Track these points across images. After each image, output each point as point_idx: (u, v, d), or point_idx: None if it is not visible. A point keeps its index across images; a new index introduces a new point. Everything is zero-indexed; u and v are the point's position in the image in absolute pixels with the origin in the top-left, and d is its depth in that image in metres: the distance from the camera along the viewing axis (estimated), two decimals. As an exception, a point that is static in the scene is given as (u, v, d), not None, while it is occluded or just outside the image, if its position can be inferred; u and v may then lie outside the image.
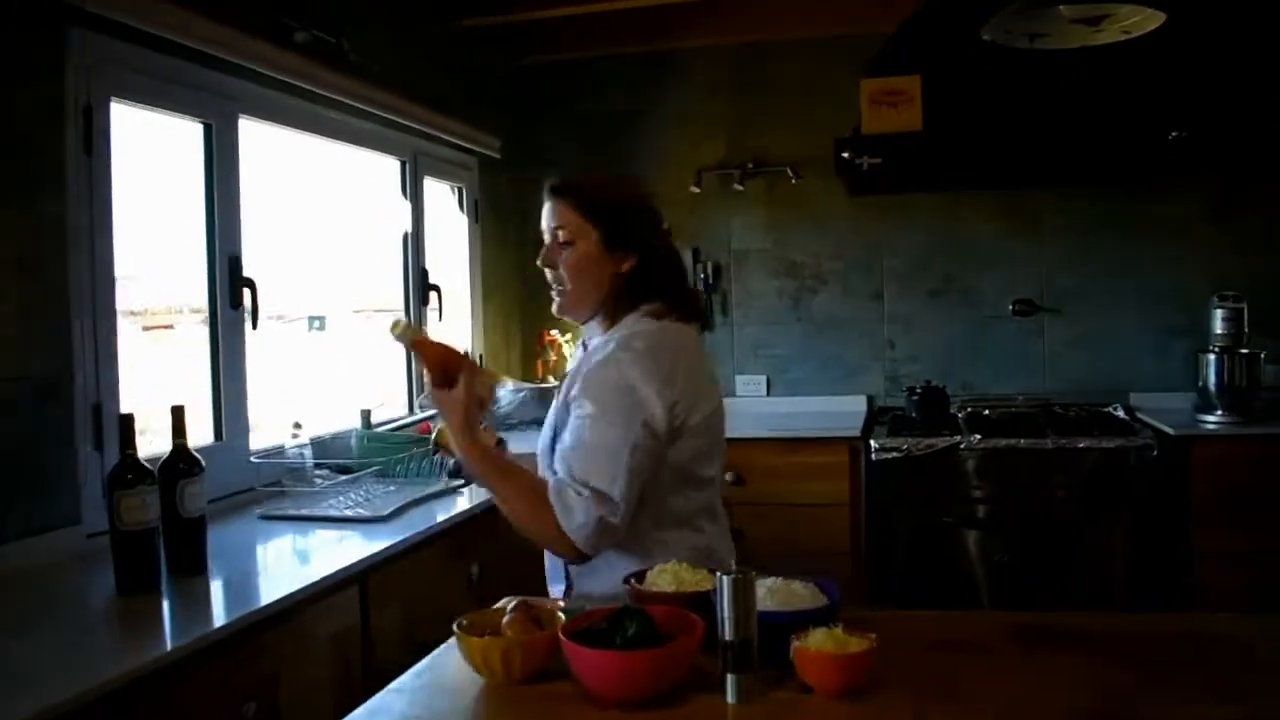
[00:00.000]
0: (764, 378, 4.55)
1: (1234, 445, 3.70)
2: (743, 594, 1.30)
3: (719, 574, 1.32)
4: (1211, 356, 3.89)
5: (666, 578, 1.58)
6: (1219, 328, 3.94)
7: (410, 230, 3.82)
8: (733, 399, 4.52)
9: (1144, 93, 3.74)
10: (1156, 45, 3.76)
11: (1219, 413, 3.86)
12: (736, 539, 2.13)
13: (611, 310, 1.94)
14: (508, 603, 1.55)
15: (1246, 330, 3.93)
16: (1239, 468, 3.64)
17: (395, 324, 1.79)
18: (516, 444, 3.96)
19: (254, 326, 2.80)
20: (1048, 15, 2.47)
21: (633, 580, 1.60)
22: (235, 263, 2.77)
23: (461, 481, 2.84)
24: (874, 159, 3.79)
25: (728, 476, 3.84)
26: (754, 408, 4.46)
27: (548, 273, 1.98)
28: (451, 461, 1.92)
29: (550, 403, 4.28)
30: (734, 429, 3.94)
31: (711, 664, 1.33)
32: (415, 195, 3.84)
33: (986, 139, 3.82)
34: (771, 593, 1.47)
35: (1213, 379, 3.88)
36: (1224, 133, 3.92)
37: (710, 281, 4.55)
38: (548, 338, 4.55)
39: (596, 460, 1.77)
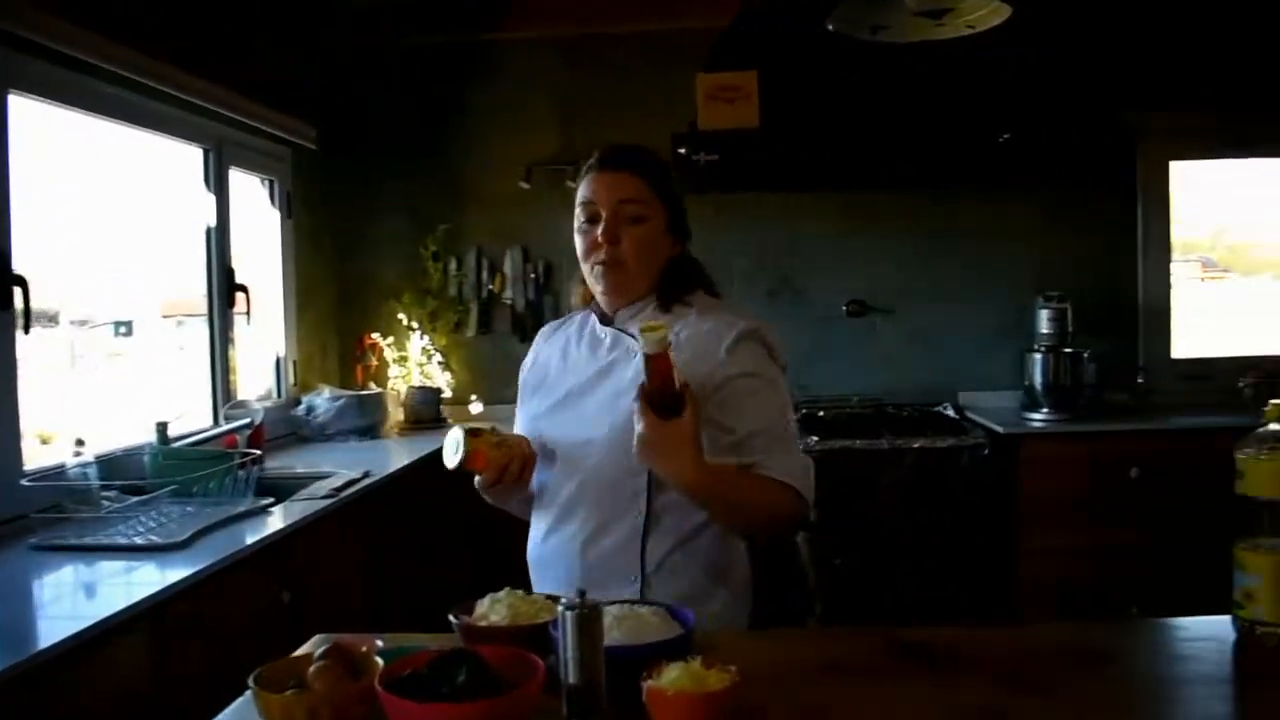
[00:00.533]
0: (599, 381, 4.38)
1: (1060, 443, 3.76)
2: (588, 630, 1.13)
3: (560, 607, 1.15)
4: (1038, 356, 3.95)
5: (500, 609, 1.40)
6: (1044, 327, 4.01)
7: (214, 225, 3.50)
8: (566, 404, 4.38)
9: (976, 95, 3.77)
10: (991, 47, 3.82)
11: (1045, 411, 3.92)
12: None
13: (663, 294, 1.85)
14: (316, 646, 1.34)
15: (1071, 330, 4.01)
16: (1064, 465, 3.70)
17: (653, 327, 1.54)
18: (335, 454, 3.81)
19: (25, 330, 2.47)
20: (892, 6, 2.40)
21: (460, 615, 1.41)
22: (3, 258, 2.43)
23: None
24: (710, 156, 3.70)
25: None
26: (588, 413, 4.30)
27: (590, 249, 1.81)
28: (476, 479, 1.76)
29: (371, 410, 4.08)
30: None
31: (556, 705, 1.16)
32: (220, 187, 3.52)
33: (823, 138, 3.78)
34: (618, 621, 1.30)
35: (1039, 378, 3.94)
36: (1048, 137, 4.00)
37: (541, 282, 4.37)
38: (368, 341, 4.28)
39: (787, 429, 1.77)
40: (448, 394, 4.34)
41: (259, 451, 2.86)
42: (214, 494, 2.62)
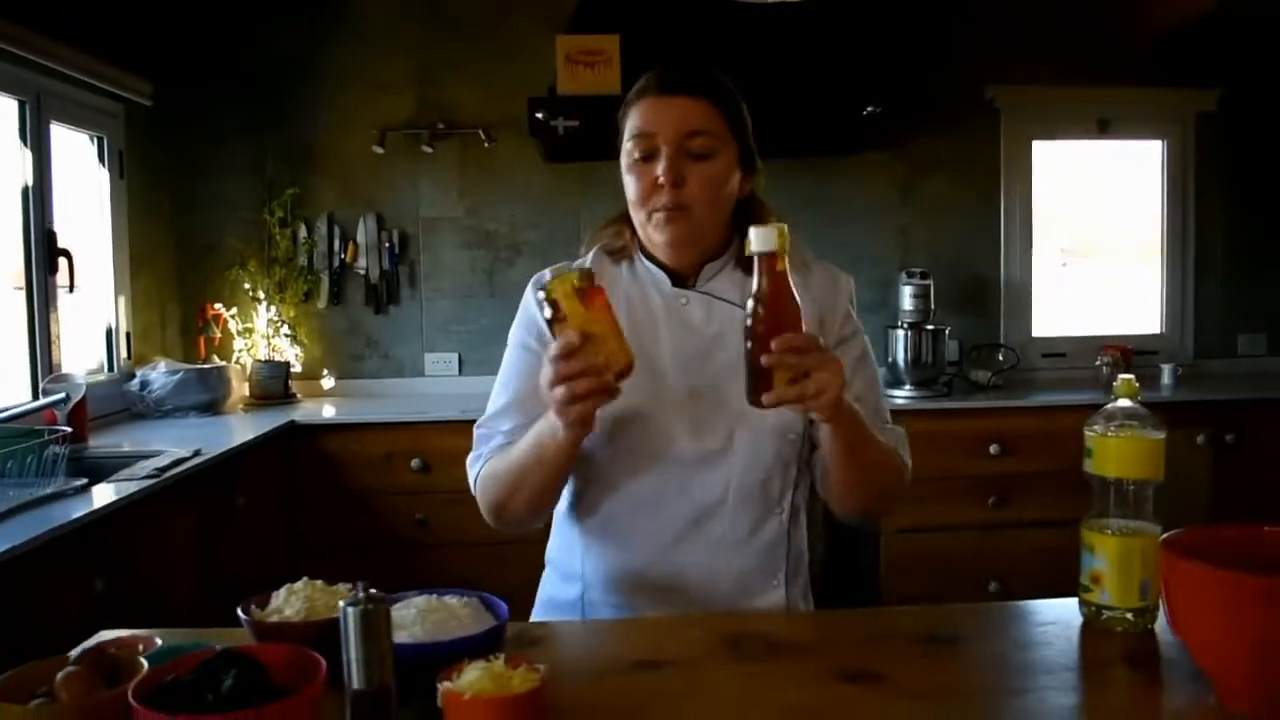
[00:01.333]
0: (455, 355, 4.22)
1: (923, 420, 3.74)
2: (375, 630, 0.99)
3: (342, 604, 1.01)
4: (900, 332, 3.93)
5: (296, 602, 1.25)
6: (907, 304, 3.99)
7: (32, 184, 3.22)
8: (421, 379, 4.21)
9: (843, 65, 3.70)
10: (859, 16, 3.76)
11: (908, 388, 3.90)
12: (420, 528, 1.85)
13: (725, 240, 1.59)
14: (89, 647, 1.17)
15: (934, 307, 4.00)
16: (926, 442, 3.67)
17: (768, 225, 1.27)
18: (172, 431, 3.56)
19: None
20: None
21: (252, 606, 1.26)
22: None
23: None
24: (570, 122, 3.55)
25: (413, 463, 3.55)
26: (444, 388, 4.16)
27: (647, 192, 1.51)
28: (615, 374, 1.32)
29: (212, 385, 3.84)
30: (422, 411, 3.71)
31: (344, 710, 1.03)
32: (38, 143, 3.25)
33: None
34: (424, 615, 1.17)
35: (902, 354, 3.92)
36: (915, 110, 3.97)
37: (396, 252, 4.16)
38: (211, 311, 4.03)
39: (884, 398, 1.65)
40: (298, 368, 4.12)
41: (68, 428, 2.63)
42: (15, 475, 2.39)
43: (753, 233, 1.24)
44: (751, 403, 1.26)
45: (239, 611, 1.24)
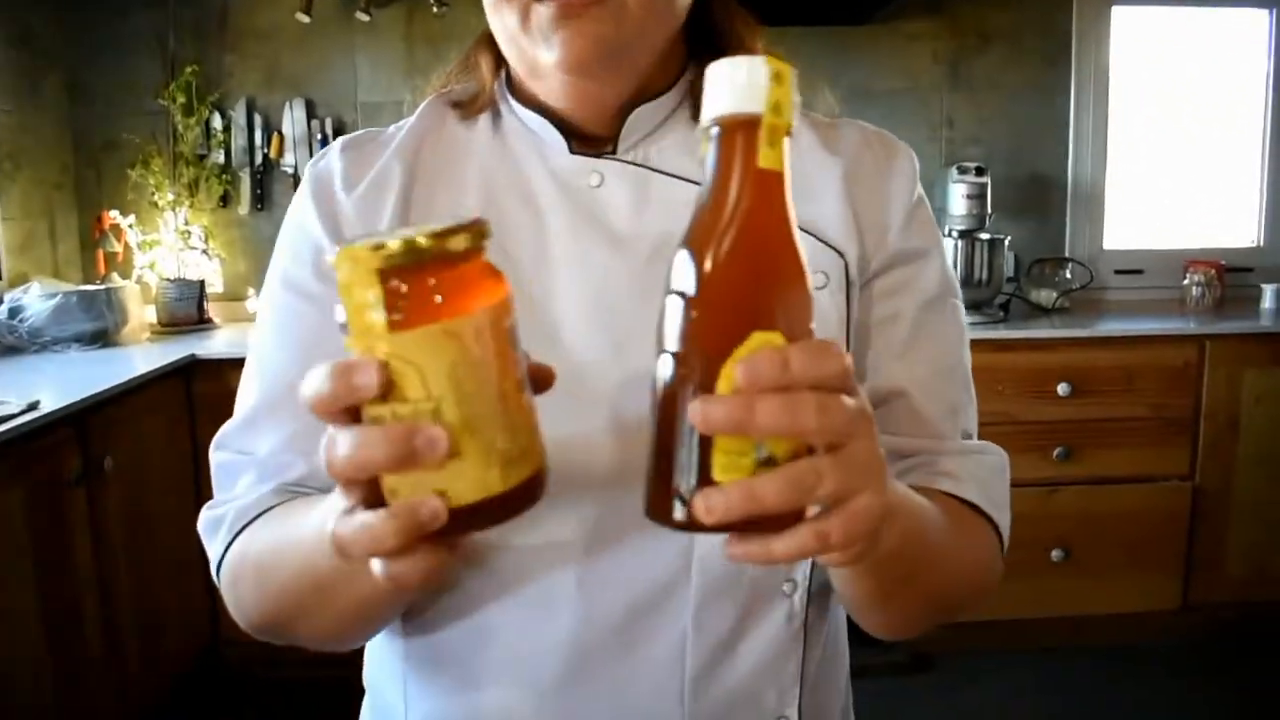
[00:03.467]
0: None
1: (977, 352, 3.02)
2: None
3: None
4: (949, 242, 3.19)
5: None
6: (957, 206, 3.23)
7: None
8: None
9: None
10: None
11: (955, 312, 3.17)
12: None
13: (672, 67, 0.85)
14: None
15: (990, 211, 3.25)
16: (978, 381, 2.97)
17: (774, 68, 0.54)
18: (46, 369, 2.91)
19: None
20: None
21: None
22: None
23: None
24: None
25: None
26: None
27: None
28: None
29: (100, 310, 3.14)
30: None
31: None
32: None
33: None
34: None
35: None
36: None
37: (330, 142, 3.43)
38: (107, 222, 3.32)
39: (971, 387, 0.89)
40: (216, 287, 3.43)
41: None
42: None
43: (714, 72, 0.55)
44: (652, 513, 0.55)
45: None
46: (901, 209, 0.85)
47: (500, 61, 0.86)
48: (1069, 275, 3.48)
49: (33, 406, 2.19)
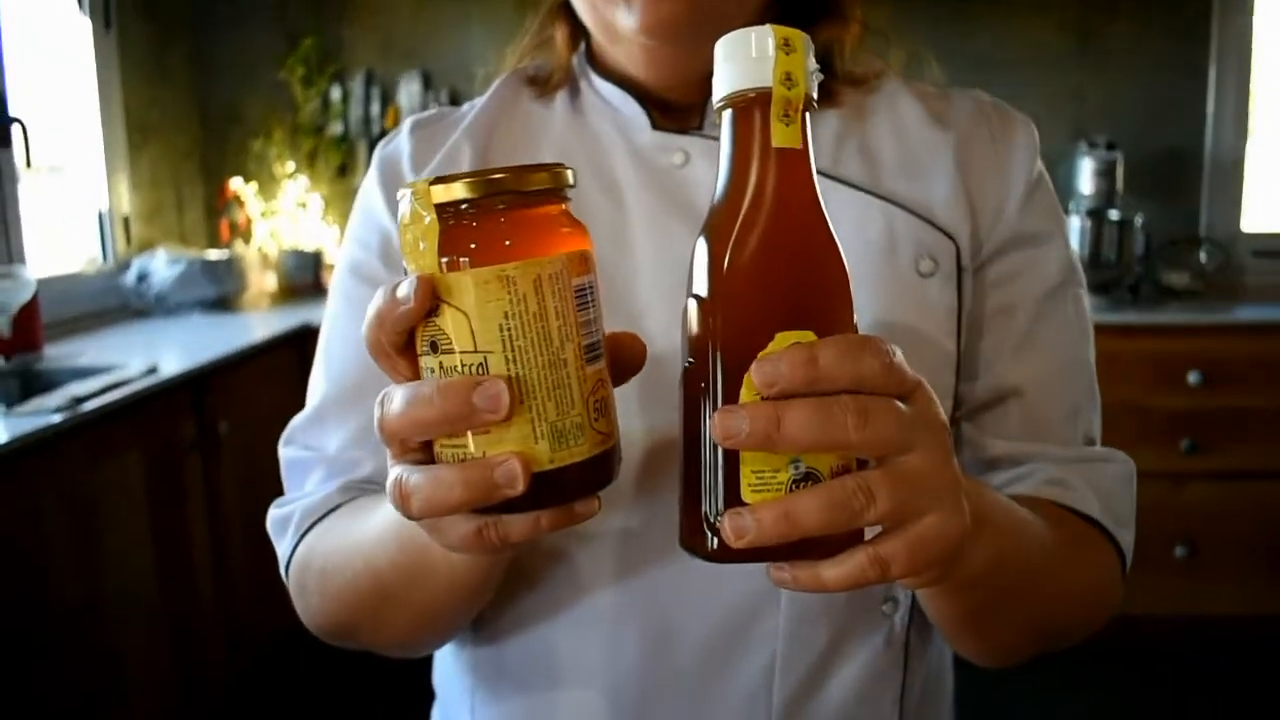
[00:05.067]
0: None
1: (1103, 337, 2.89)
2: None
3: None
4: (1076, 220, 3.05)
5: None
6: (1086, 184, 3.09)
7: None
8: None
9: None
10: None
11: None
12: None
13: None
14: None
15: (1120, 188, 3.10)
16: (1108, 367, 2.84)
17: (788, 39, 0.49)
18: (170, 334, 3.01)
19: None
20: None
21: None
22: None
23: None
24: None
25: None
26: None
27: None
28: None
29: (222, 277, 3.24)
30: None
31: None
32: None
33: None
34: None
35: (1077, 249, 3.05)
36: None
37: (444, 117, 3.46)
38: (230, 191, 3.41)
39: (1095, 387, 0.81)
40: (335, 257, 3.49)
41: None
42: None
43: (719, 48, 0.50)
44: (685, 543, 0.51)
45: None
46: (1020, 187, 0.78)
47: (577, 33, 0.82)
48: (1203, 258, 3.30)
49: (152, 370, 2.27)
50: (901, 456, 0.47)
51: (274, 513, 0.80)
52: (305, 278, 3.37)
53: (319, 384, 0.81)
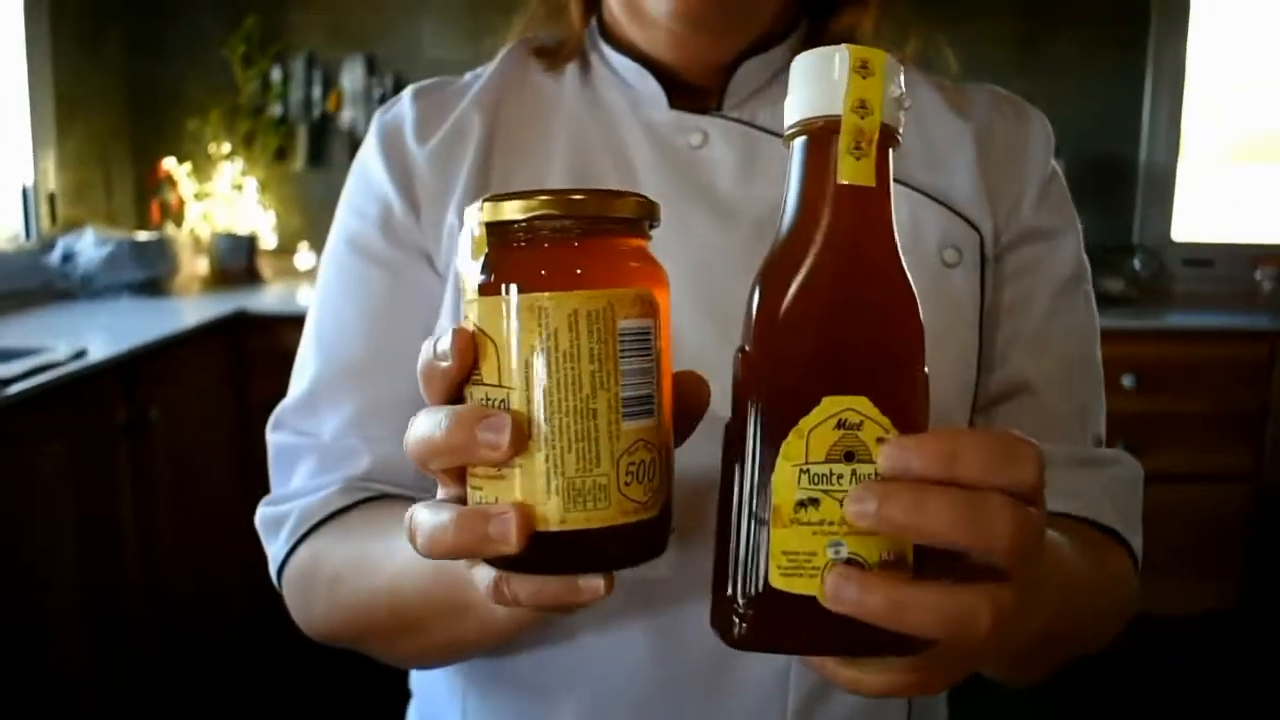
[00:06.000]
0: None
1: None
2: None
3: None
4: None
5: None
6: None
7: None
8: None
9: None
10: None
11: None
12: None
13: (786, 17, 0.78)
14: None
15: (1059, 195, 3.15)
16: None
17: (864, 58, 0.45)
18: (94, 318, 2.89)
19: None
20: None
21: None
22: None
23: None
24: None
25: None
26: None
27: None
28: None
29: (152, 259, 3.14)
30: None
31: None
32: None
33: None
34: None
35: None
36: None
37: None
38: (162, 171, 3.31)
39: (1102, 387, 0.80)
40: (270, 242, 3.41)
41: None
42: None
43: (793, 69, 0.46)
44: (712, 623, 0.47)
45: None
46: (1036, 180, 0.78)
47: (592, 4, 0.80)
48: (1137, 265, 3.37)
49: (80, 355, 2.18)
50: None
51: (265, 511, 0.75)
52: (238, 262, 3.28)
53: (309, 364, 0.77)
